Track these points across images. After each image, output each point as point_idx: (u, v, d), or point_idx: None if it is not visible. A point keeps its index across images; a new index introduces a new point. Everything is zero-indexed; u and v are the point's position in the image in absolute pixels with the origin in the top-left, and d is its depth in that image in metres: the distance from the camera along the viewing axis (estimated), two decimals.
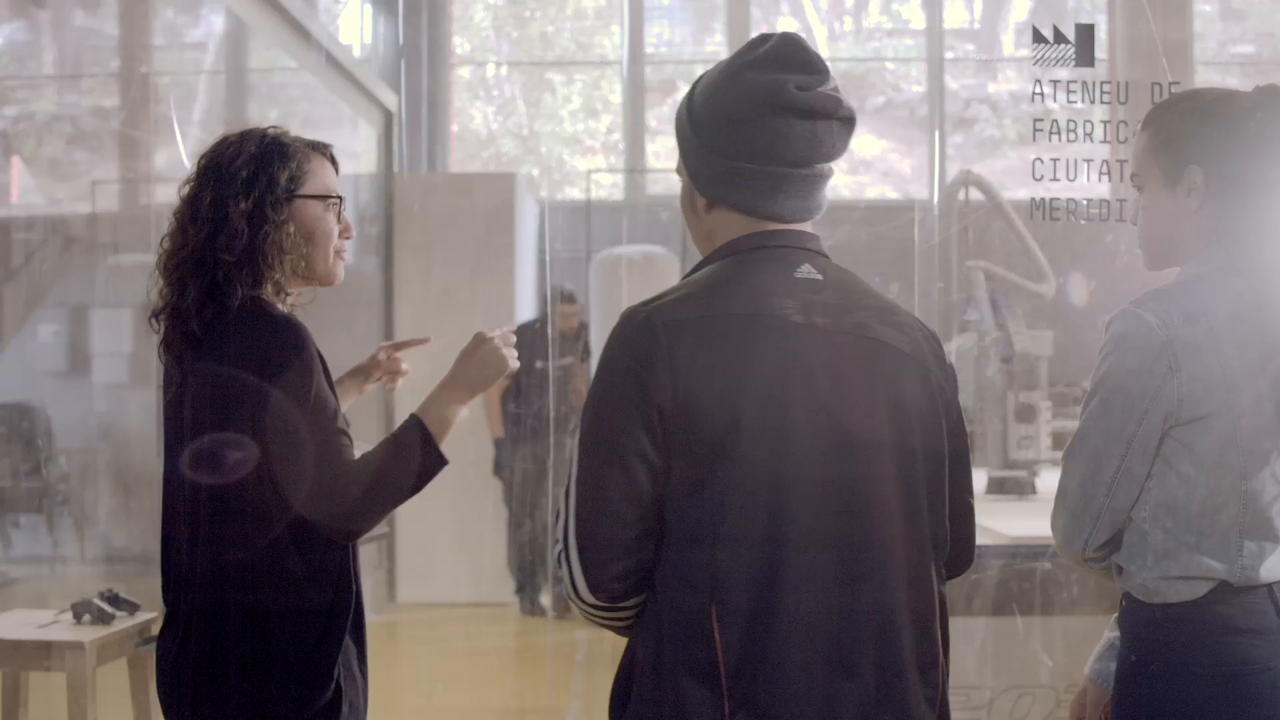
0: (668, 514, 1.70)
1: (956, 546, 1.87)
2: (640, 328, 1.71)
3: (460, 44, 9.93)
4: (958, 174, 5.94)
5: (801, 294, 1.74)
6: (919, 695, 1.73)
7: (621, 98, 9.76)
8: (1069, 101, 2.98)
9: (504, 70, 10.09)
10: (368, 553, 6.70)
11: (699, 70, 2.69)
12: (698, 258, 1.87)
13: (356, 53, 8.12)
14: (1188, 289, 1.91)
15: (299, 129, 2.30)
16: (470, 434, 6.59)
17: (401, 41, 8.70)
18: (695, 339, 1.69)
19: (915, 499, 1.75)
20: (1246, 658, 1.83)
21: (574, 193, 9.37)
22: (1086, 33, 3.02)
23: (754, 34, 1.85)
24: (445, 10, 9.56)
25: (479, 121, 9.91)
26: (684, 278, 1.83)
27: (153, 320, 2.17)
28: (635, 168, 9.53)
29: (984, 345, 4.64)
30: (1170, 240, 1.98)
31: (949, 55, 9.82)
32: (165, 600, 2.17)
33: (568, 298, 7.45)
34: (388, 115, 7.82)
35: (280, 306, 2.15)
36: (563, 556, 1.72)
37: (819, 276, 1.77)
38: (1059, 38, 3.00)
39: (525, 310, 7.80)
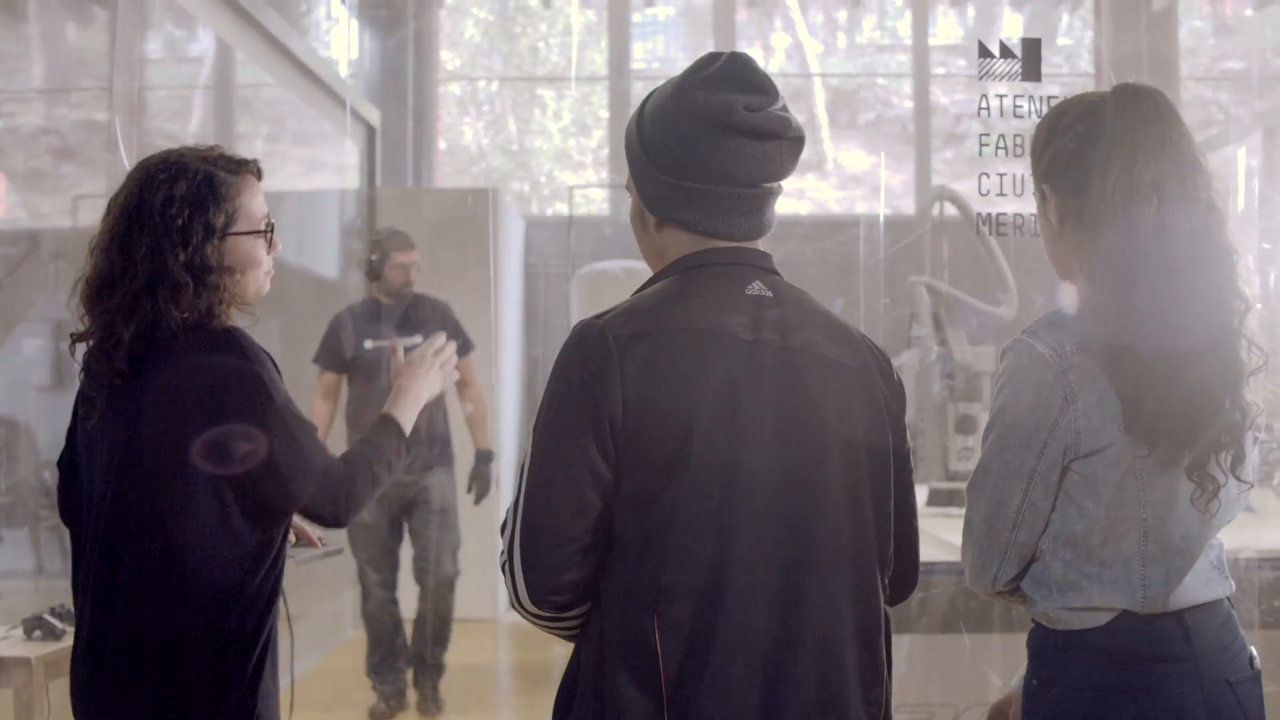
0: (615, 526, 1.71)
1: (902, 566, 1.87)
2: (594, 341, 1.72)
3: (450, 59, 9.95)
4: (933, 189, 5.93)
5: (751, 310, 1.75)
6: (859, 712, 1.74)
7: (609, 113, 9.77)
8: (1016, 116, 2.98)
9: (494, 86, 10.10)
10: (351, 566, 6.67)
11: None
12: None
13: (344, 69, 8.14)
14: (1079, 312, 1.80)
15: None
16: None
17: (386, 57, 8.72)
18: (647, 353, 1.70)
19: (862, 517, 1.76)
20: (1150, 685, 1.76)
21: (563, 208, 9.37)
22: (1033, 47, 3.02)
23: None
24: (434, 26, 9.57)
25: (469, 137, 9.91)
26: (635, 293, 1.83)
27: (72, 348, 2.15)
28: (618, 183, 9.53)
29: (928, 361, 4.60)
30: (1058, 262, 1.89)
31: (941, 71, 9.80)
32: (75, 608, 2.16)
33: (403, 243, 5.45)
34: (371, 131, 7.85)
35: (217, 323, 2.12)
36: (507, 567, 1.74)
37: (769, 293, 1.78)
38: (1005, 52, 2.99)
39: (509, 324, 7.78)
